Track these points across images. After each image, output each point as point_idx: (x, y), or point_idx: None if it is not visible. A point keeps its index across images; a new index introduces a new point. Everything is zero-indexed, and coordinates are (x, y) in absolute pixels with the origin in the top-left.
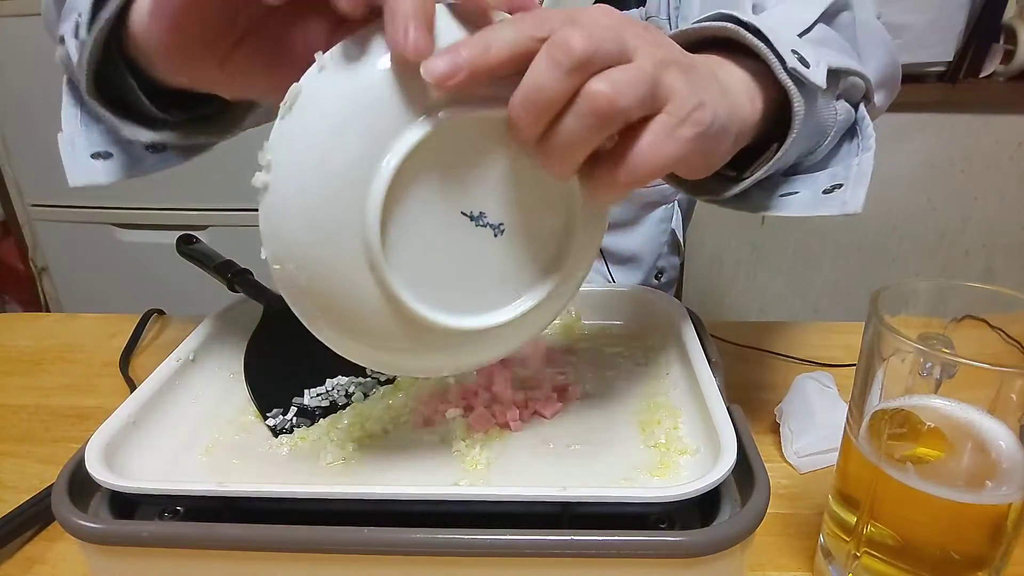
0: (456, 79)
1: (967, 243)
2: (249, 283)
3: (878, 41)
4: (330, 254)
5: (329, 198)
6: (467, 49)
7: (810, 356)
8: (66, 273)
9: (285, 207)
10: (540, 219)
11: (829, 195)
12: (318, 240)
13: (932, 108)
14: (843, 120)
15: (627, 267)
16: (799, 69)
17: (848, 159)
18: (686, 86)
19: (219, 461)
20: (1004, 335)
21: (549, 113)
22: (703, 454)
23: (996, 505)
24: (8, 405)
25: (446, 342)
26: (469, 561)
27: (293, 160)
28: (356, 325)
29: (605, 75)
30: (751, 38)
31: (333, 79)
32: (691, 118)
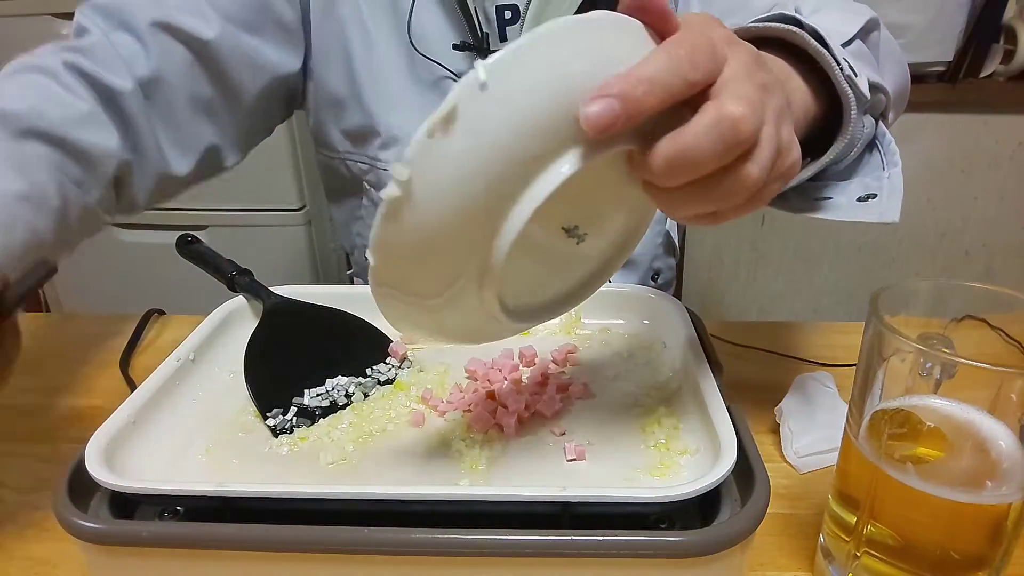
0: (615, 128)
1: (967, 243)
2: (249, 283)
3: (896, 60)
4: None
5: (463, 220)
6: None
7: (810, 356)
8: (66, 273)
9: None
10: (614, 228)
11: (864, 203)
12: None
13: (932, 108)
14: (867, 133)
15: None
16: (853, 78)
17: (874, 170)
18: (789, 140)
19: (219, 461)
20: (1004, 335)
21: (692, 178)
22: (703, 454)
23: (996, 505)
24: (8, 405)
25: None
26: (469, 561)
27: (436, 181)
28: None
29: (757, 159)
30: (815, 45)
31: (495, 105)
32: (787, 175)
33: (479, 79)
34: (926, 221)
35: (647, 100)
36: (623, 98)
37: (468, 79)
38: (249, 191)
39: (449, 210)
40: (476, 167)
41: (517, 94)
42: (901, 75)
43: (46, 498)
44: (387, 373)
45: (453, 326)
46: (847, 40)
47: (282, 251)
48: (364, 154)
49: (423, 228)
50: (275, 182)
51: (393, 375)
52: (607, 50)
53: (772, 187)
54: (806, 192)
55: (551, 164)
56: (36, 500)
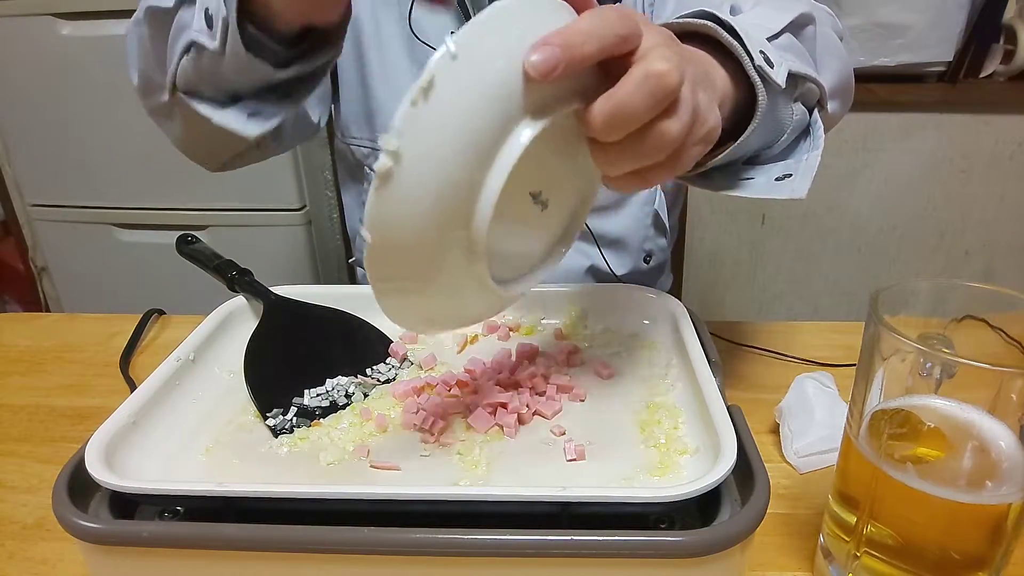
0: (556, 73)
1: (967, 243)
2: (249, 283)
3: (835, 55)
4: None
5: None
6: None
7: (810, 356)
8: (66, 273)
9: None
10: (569, 194)
11: (780, 182)
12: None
13: (932, 108)
14: (799, 120)
15: (615, 250)
16: (764, 68)
17: (800, 155)
18: (707, 105)
19: (219, 461)
20: (1004, 335)
21: (627, 131)
22: (703, 454)
23: (996, 505)
24: (8, 405)
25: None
26: (469, 561)
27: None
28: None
29: (677, 115)
30: (727, 37)
31: (466, 71)
32: (707, 137)
33: (450, 50)
34: (926, 221)
35: (584, 48)
36: (563, 46)
37: (441, 51)
38: (249, 191)
39: (436, 176)
40: (456, 132)
41: (482, 61)
42: (840, 69)
43: (46, 498)
44: (387, 373)
45: (445, 305)
46: (774, 34)
47: (282, 251)
48: (367, 138)
49: (415, 196)
50: (275, 182)
51: (393, 375)
52: (550, 24)
53: (692, 150)
54: (735, 173)
55: (517, 127)
56: (36, 500)
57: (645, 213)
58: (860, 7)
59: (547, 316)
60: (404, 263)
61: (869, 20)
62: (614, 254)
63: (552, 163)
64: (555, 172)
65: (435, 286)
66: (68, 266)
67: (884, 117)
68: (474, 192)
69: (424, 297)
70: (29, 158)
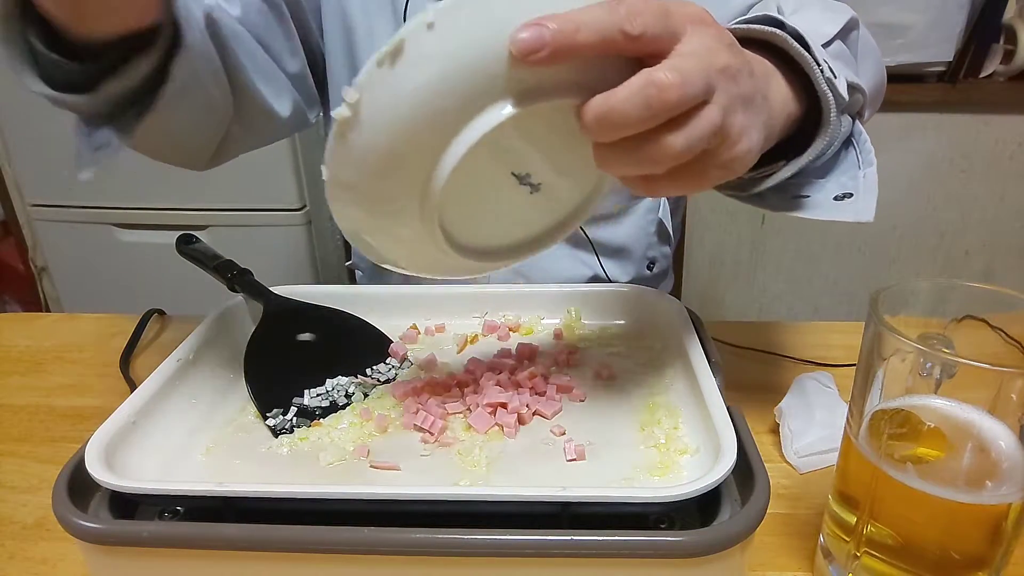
0: (539, 55)
1: (967, 243)
2: (249, 283)
3: (873, 58)
4: (391, 190)
5: (406, 148)
6: (554, 26)
7: (810, 356)
8: (66, 273)
9: (361, 145)
10: (571, 184)
11: (841, 202)
12: (383, 178)
13: (932, 108)
14: (844, 131)
15: (618, 259)
16: (833, 80)
17: (850, 169)
18: (741, 128)
19: (219, 461)
20: (1004, 335)
21: (619, 136)
22: (703, 454)
23: (996, 505)
24: (8, 405)
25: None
26: (469, 561)
27: (382, 107)
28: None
29: (685, 130)
30: (797, 47)
31: (440, 42)
32: (732, 164)
33: (427, 20)
34: (926, 221)
35: (576, 37)
36: (555, 31)
37: (417, 18)
38: (249, 191)
39: (392, 135)
40: (419, 99)
41: (460, 36)
42: (877, 73)
43: (46, 498)
44: (387, 373)
45: (401, 244)
46: (827, 40)
47: (282, 251)
48: None
49: (369, 149)
50: (275, 182)
51: (393, 375)
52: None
53: (712, 172)
54: (785, 190)
55: (490, 106)
56: (36, 500)
57: (649, 221)
58: (860, 7)
59: (547, 316)
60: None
61: (869, 20)
62: (617, 263)
63: (551, 148)
64: (551, 158)
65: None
66: (68, 266)
67: (884, 117)
68: (433, 158)
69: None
70: (29, 158)
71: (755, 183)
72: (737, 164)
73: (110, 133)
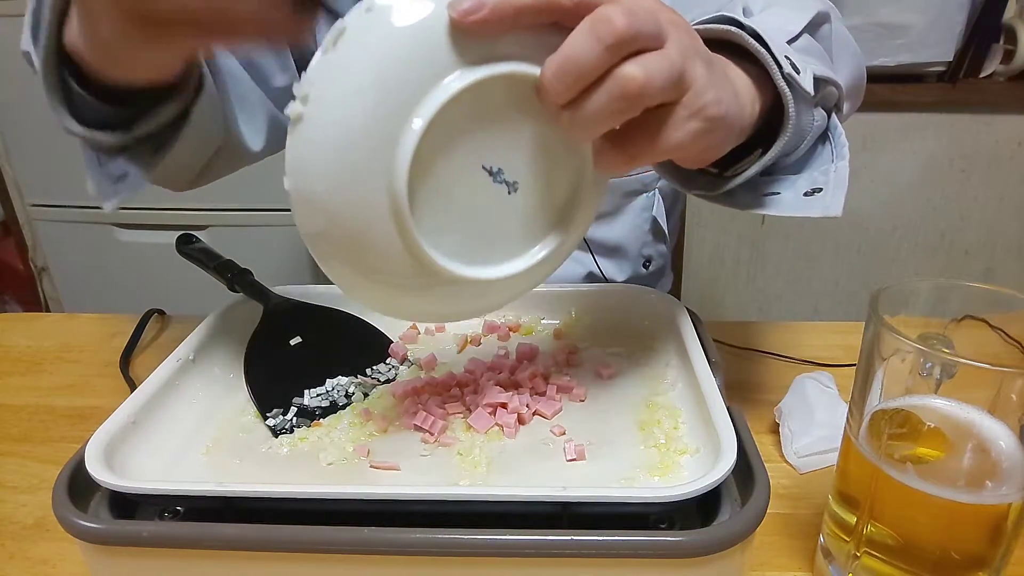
0: (478, 16)
1: (967, 243)
2: (249, 283)
3: (850, 52)
4: (355, 192)
5: (362, 135)
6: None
7: (810, 356)
8: (66, 273)
9: (317, 140)
10: (551, 181)
11: (810, 198)
12: (345, 176)
13: (932, 108)
14: (818, 126)
15: (613, 258)
16: (793, 75)
17: (823, 164)
18: (706, 79)
19: (219, 461)
20: (1004, 335)
21: (580, 85)
22: (703, 454)
23: (996, 505)
24: (8, 405)
25: (456, 288)
26: (469, 561)
27: (331, 94)
28: (372, 266)
29: (639, 60)
30: (753, 43)
31: (380, 21)
32: (703, 112)
33: (365, 5)
34: (926, 221)
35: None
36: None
37: (358, 5)
38: (249, 191)
39: (344, 122)
40: (365, 78)
41: (400, 14)
42: (855, 67)
43: (46, 498)
44: (387, 373)
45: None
46: (793, 36)
47: (282, 251)
48: None
49: (324, 142)
50: (275, 182)
51: (393, 375)
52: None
53: (689, 124)
54: (756, 187)
55: (440, 82)
56: (36, 500)
57: (643, 220)
58: (860, 7)
59: (547, 316)
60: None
61: (869, 20)
62: (613, 261)
63: (519, 143)
64: (526, 154)
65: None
66: (68, 266)
67: (884, 117)
68: (391, 146)
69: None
70: (29, 158)
71: (724, 181)
72: (712, 115)
73: (125, 164)
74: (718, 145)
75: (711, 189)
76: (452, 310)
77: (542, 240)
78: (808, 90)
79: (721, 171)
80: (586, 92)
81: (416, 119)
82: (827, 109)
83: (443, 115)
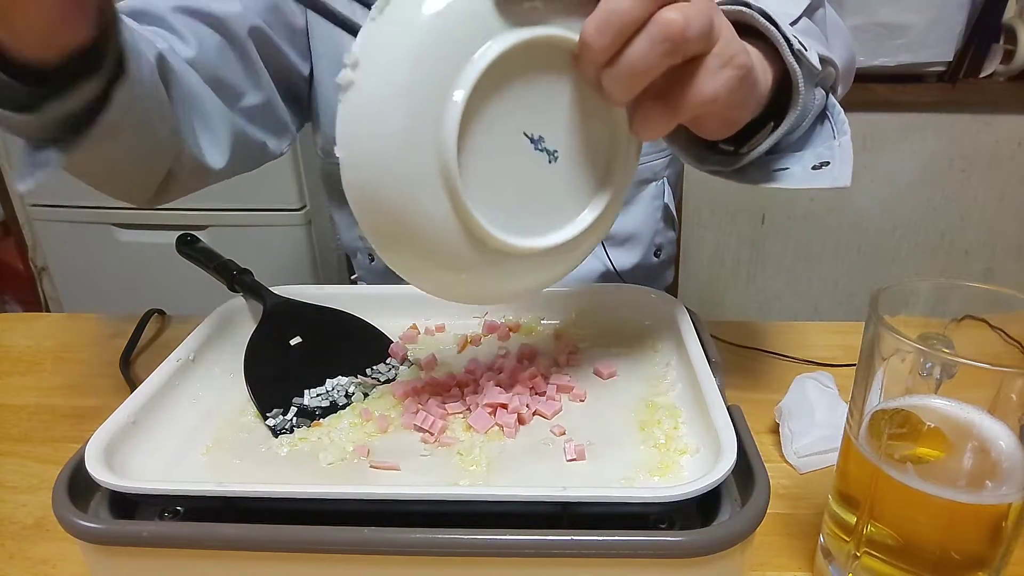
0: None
1: (967, 243)
2: (249, 283)
3: (842, 35)
4: (404, 155)
5: (411, 98)
6: None
7: (810, 356)
8: (66, 273)
9: (367, 104)
10: (588, 149)
11: (818, 171)
12: (395, 139)
13: (932, 108)
14: (818, 104)
15: (626, 247)
16: (802, 51)
17: (826, 140)
18: (730, 32)
19: (219, 461)
20: (1004, 335)
21: (622, 37)
22: (703, 454)
23: (996, 505)
24: (8, 405)
25: (508, 263)
26: (469, 561)
27: (381, 59)
28: (422, 239)
29: (676, 6)
30: (763, 21)
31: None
32: (735, 60)
33: None
34: (926, 221)
35: None
36: None
37: None
38: (249, 191)
39: (396, 85)
40: (413, 42)
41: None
42: (846, 49)
43: (46, 498)
44: (387, 373)
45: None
46: (794, 20)
47: (282, 251)
48: None
49: (376, 106)
50: (275, 182)
51: (393, 375)
52: None
53: (724, 72)
54: (764, 165)
55: (485, 43)
56: (36, 500)
57: (656, 207)
58: (860, 7)
59: (547, 316)
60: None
61: (869, 20)
62: (625, 250)
63: (558, 111)
64: (565, 123)
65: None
66: (68, 266)
67: (884, 117)
68: (439, 107)
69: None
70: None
71: (738, 158)
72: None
73: (52, 153)
74: (744, 103)
75: (725, 166)
76: (507, 288)
77: (583, 210)
78: (816, 66)
79: (736, 148)
80: (627, 44)
81: (465, 75)
82: (825, 89)
83: (488, 76)
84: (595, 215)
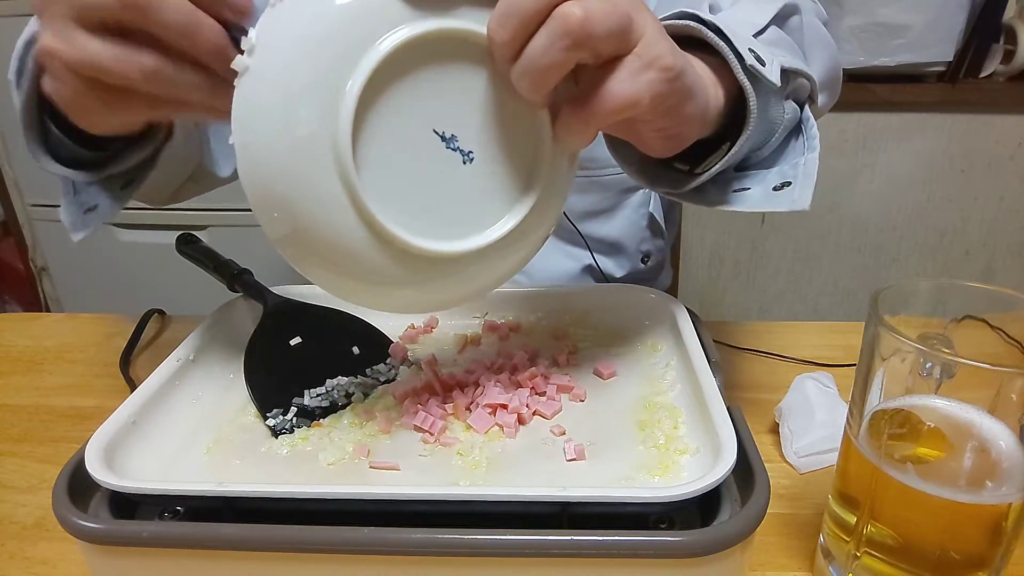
0: None
1: (967, 243)
2: (249, 283)
3: (823, 44)
4: (299, 144)
5: (306, 85)
6: None
7: (810, 356)
8: (66, 273)
9: (262, 91)
10: (509, 153)
11: (779, 192)
12: (290, 127)
13: (932, 108)
14: (790, 119)
15: (612, 255)
16: (756, 67)
17: (795, 157)
18: (658, 32)
19: (219, 461)
20: (1004, 335)
21: (525, 30)
22: (703, 454)
23: (996, 505)
24: (8, 405)
25: (430, 270)
26: (469, 561)
27: (278, 44)
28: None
29: (580, 1)
30: (712, 36)
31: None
32: (658, 62)
33: None
34: (926, 221)
35: None
36: None
37: None
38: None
39: (291, 72)
40: (309, 28)
41: None
42: (829, 59)
43: (46, 498)
44: (387, 373)
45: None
46: (760, 29)
47: None
48: None
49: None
50: None
51: (393, 375)
52: None
53: (645, 75)
54: (727, 183)
55: (389, 32)
56: (36, 500)
57: (640, 215)
58: (860, 7)
59: (547, 316)
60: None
61: (869, 20)
62: (611, 258)
63: (474, 110)
64: (481, 123)
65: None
66: (68, 266)
67: (884, 117)
68: (335, 95)
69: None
70: (29, 158)
71: (692, 178)
72: (667, 65)
73: (97, 194)
74: (680, 114)
75: (677, 187)
76: (432, 297)
77: (503, 216)
78: (774, 82)
79: (692, 168)
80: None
81: (362, 65)
82: (799, 102)
83: (391, 67)
84: (516, 221)
